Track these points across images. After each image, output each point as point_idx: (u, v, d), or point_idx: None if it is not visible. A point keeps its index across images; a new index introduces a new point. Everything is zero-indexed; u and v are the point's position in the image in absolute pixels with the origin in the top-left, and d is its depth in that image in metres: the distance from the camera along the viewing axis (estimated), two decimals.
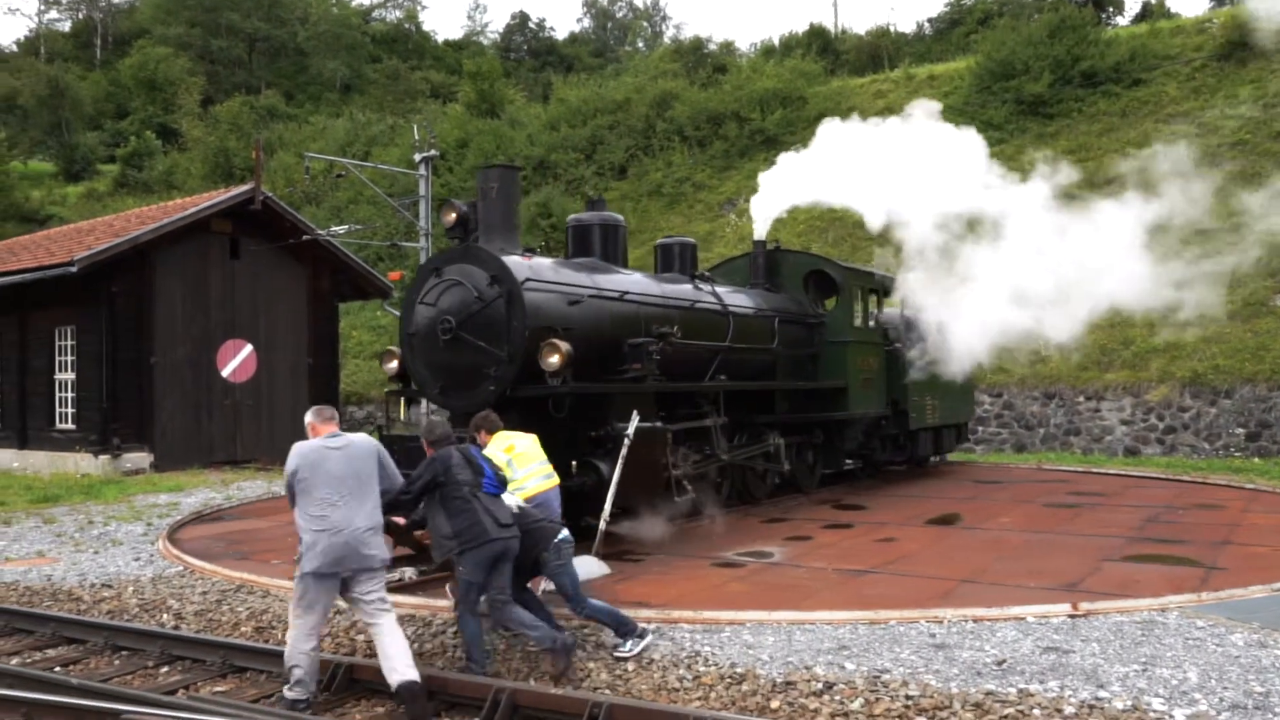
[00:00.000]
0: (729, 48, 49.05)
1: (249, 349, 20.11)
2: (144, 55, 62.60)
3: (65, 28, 78.73)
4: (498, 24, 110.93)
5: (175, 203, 23.47)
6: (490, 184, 9.78)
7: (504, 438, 7.29)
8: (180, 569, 9.36)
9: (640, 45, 77.64)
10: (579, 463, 9.13)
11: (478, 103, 42.90)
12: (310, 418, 6.02)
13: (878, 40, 46.88)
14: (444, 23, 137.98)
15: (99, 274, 17.90)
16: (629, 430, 8.91)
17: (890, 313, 15.48)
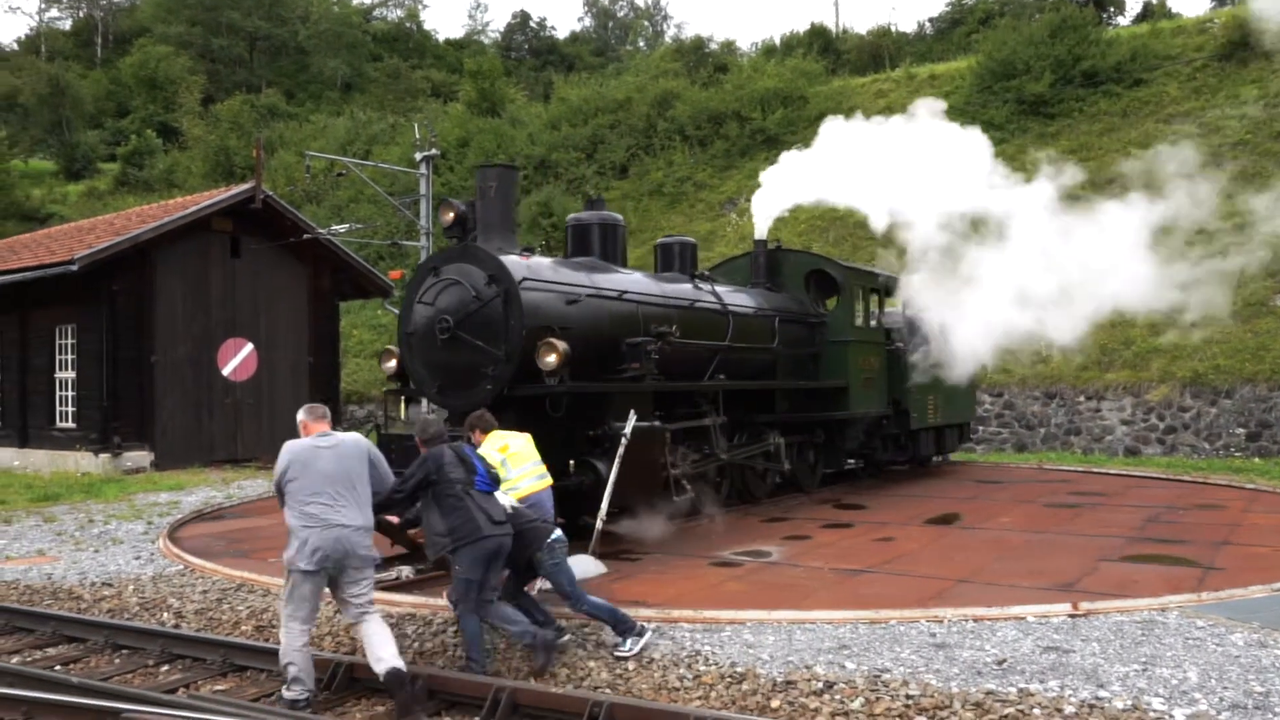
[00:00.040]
0: (730, 47, 49.05)
1: (249, 348, 20.14)
2: (145, 54, 62.60)
3: (66, 26, 78.83)
4: (499, 23, 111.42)
5: (176, 201, 23.47)
6: (488, 183, 9.78)
7: (498, 437, 7.29)
8: (181, 568, 9.37)
9: (641, 44, 77.61)
10: (577, 462, 9.14)
11: (478, 102, 42.90)
12: (302, 416, 6.04)
13: (879, 40, 46.87)
14: (445, 22, 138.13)
15: (100, 273, 17.90)
16: (626, 430, 8.91)
17: (894, 313, 15.48)
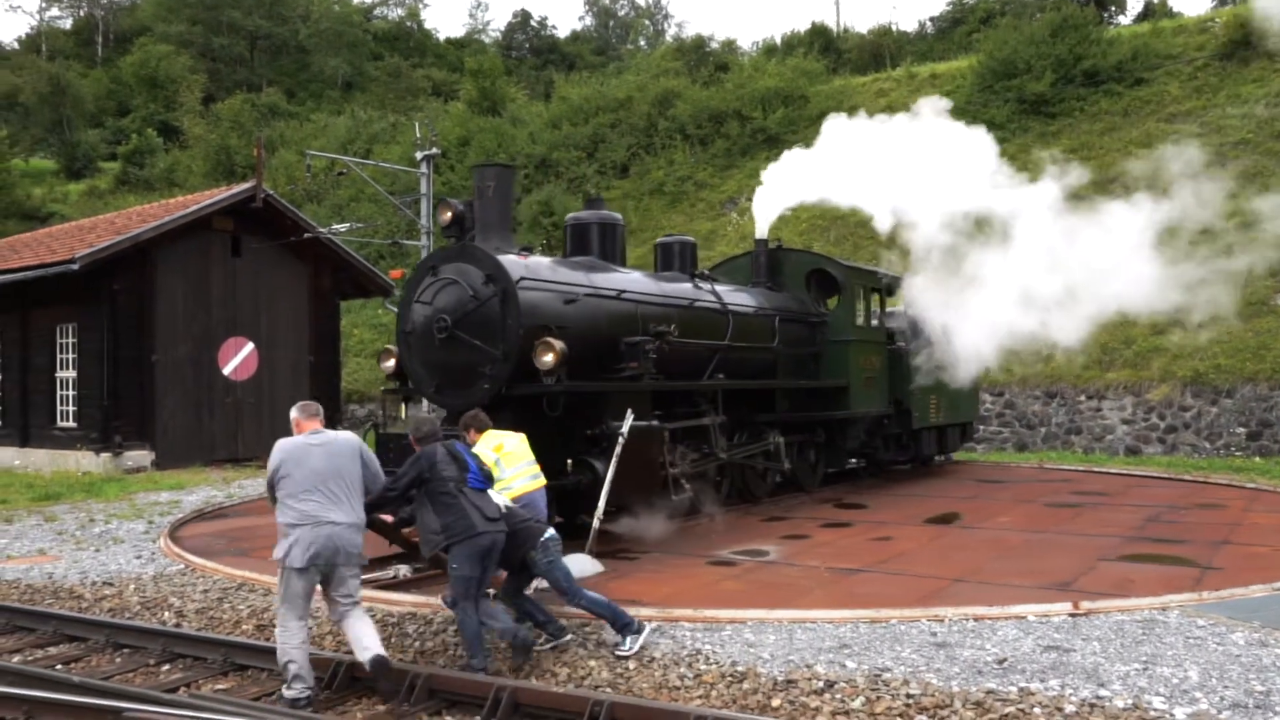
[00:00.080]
0: (731, 46, 48.96)
1: (250, 347, 20.14)
2: (145, 53, 62.57)
3: (67, 25, 78.83)
4: (499, 22, 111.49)
5: (176, 200, 23.47)
6: (486, 182, 9.79)
7: (493, 436, 7.30)
8: (181, 567, 9.37)
9: (642, 43, 77.58)
10: (574, 461, 9.15)
11: (479, 101, 42.87)
12: (295, 414, 6.07)
13: (880, 39, 46.82)
14: (445, 21, 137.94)
15: (100, 272, 17.91)
16: (623, 429, 8.92)
17: (898, 315, 15.42)
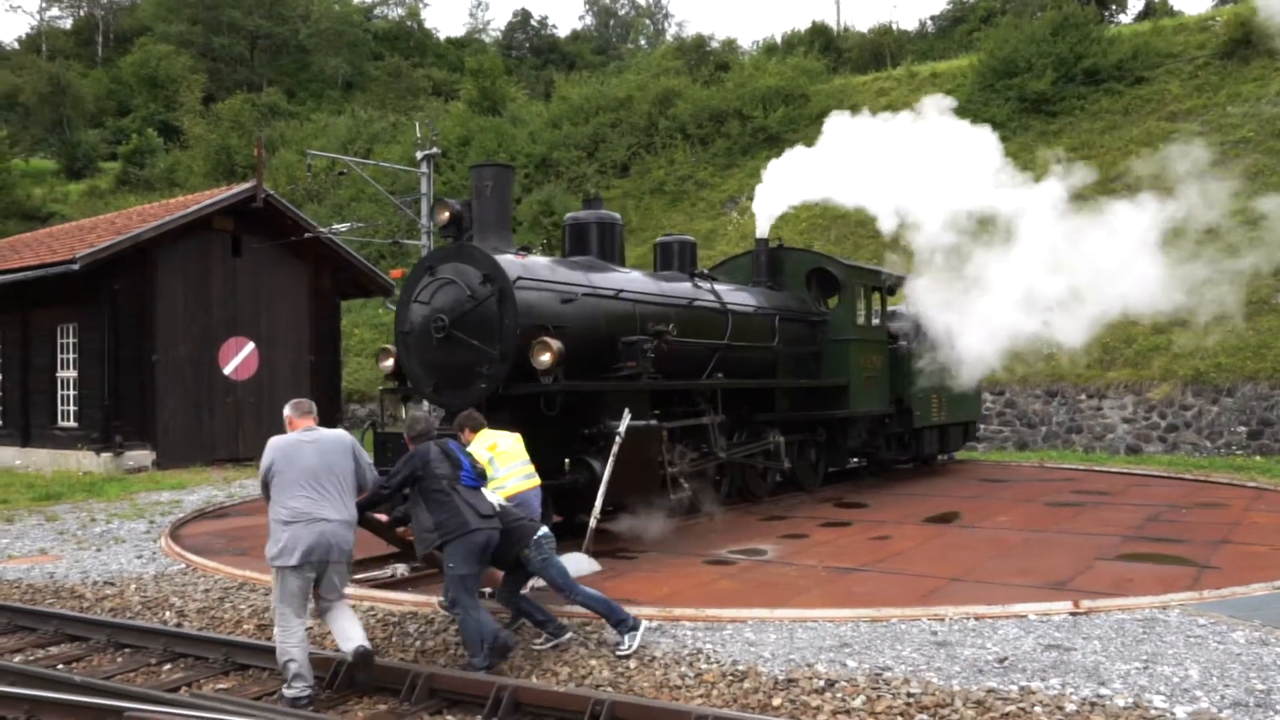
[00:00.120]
0: (731, 45, 48.96)
1: (251, 347, 20.14)
2: (145, 53, 62.59)
3: (67, 25, 78.85)
4: (499, 21, 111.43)
5: (177, 200, 23.47)
6: (484, 182, 9.80)
7: (487, 436, 7.30)
8: (182, 566, 9.38)
9: (642, 43, 77.56)
10: (572, 460, 9.17)
11: (479, 100, 42.88)
12: (288, 411, 6.10)
13: (880, 38, 46.84)
14: (446, 20, 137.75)
15: (101, 272, 17.90)
16: (620, 428, 8.93)
17: (902, 317, 15.34)
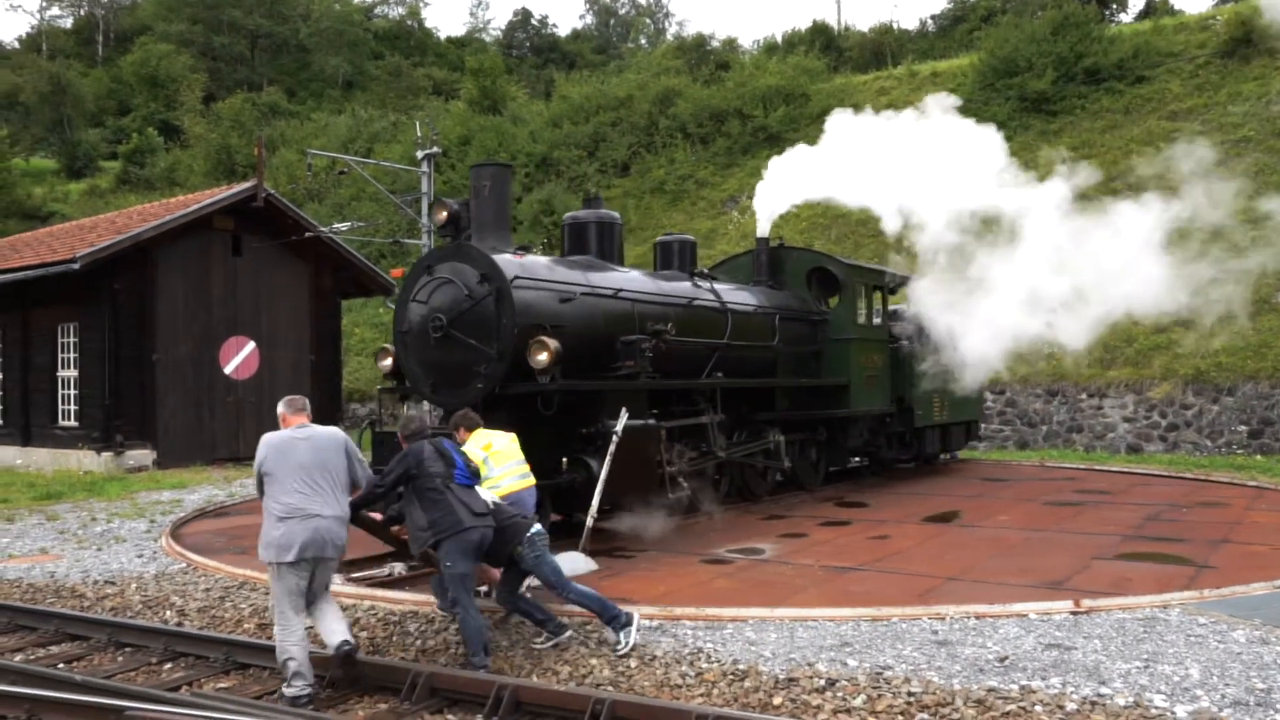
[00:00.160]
0: (732, 45, 48.95)
1: (251, 346, 20.15)
2: (146, 52, 62.61)
3: (67, 24, 78.85)
4: (500, 21, 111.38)
5: (177, 200, 23.47)
6: (483, 182, 9.80)
7: (482, 435, 7.31)
8: (183, 566, 9.38)
9: (643, 42, 77.52)
10: (570, 459, 9.18)
11: (480, 99, 42.88)
12: (281, 408, 6.12)
13: (881, 37, 46.83)
14: (446, 19, 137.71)
15: (101, 271, 17.91)
16: (617, 427, 8.94)
17: (906, 319, 15.26)
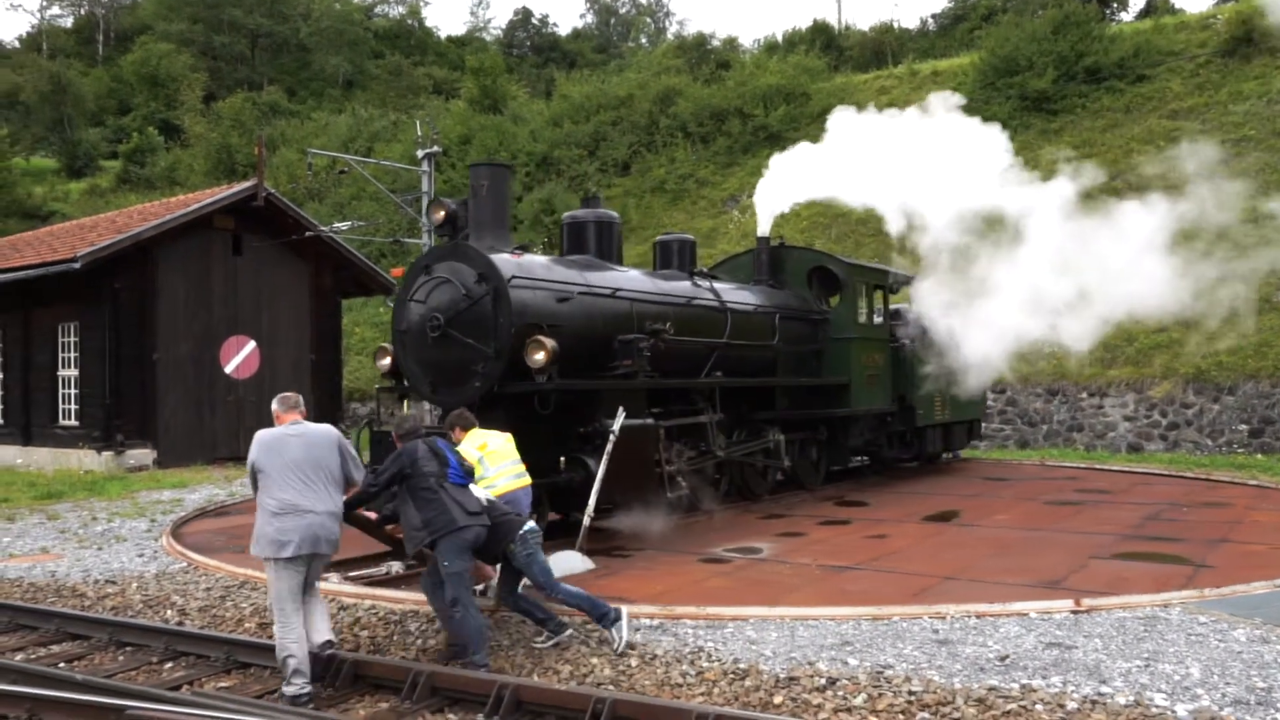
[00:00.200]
0: (732, 44, 48.92)
1: (252, 345, 20.11)
2: (146, 51, 62.61)
3: (68, 24, 78.83)
4: (500, 20, 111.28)
5: (178, 199, 23.47)
6: (481, 181, 9.81)
7: (478, 435, 7.32)
8: (184, 565, 9.38)
9: (643, 41, 77.53)
10: (567, 458, 9.19)
11: (480, 99, 42.87)
12: (275, 406, 6.17)
13: (881, 36, 46.84)
14: (446, 19, 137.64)
15: (102, 270, 17.91)
16: (614, 427, 8.95)
17: (911, 322, 15.24)
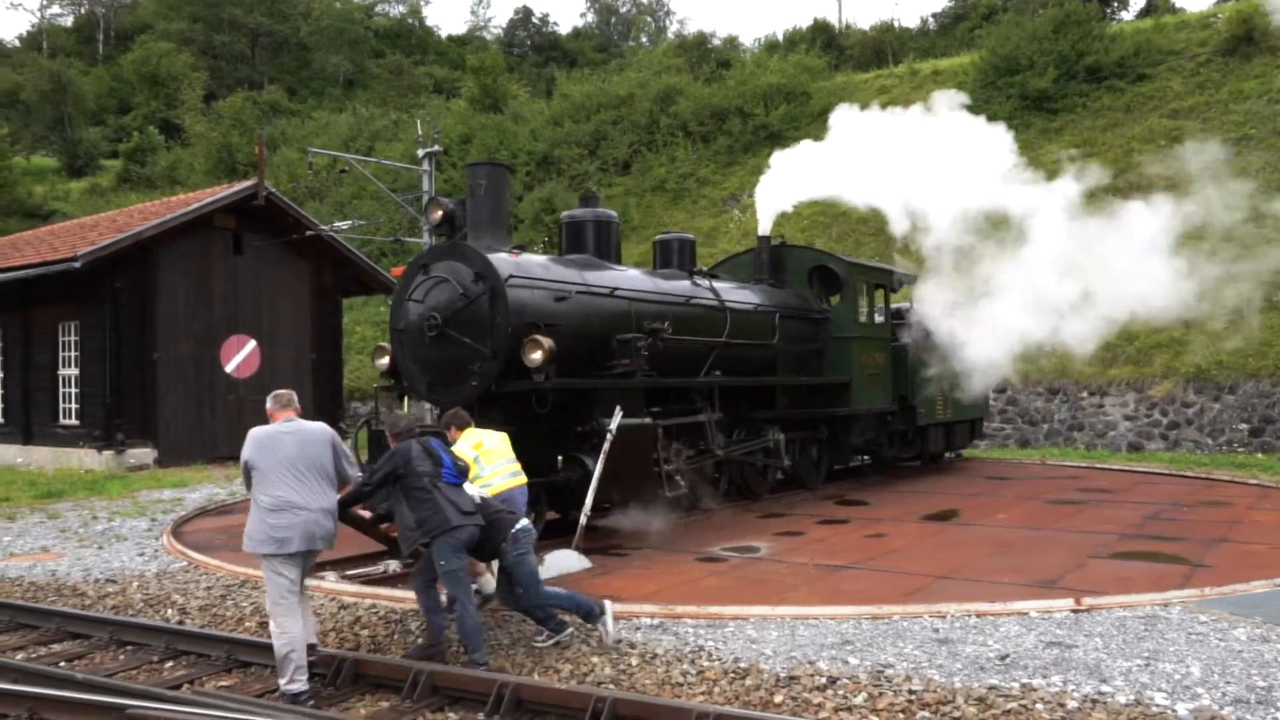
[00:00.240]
0: (733, 43, 48.95)
1: (252, 344, 20.13)
2: (146, 50, 62.63)
3: (68, 23, 78.84)
4: (501, 19, 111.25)
5: (178, 198, 23.48)
6: (478, 181, 9.82)
7: (473, 434, 7.33)
8: (184, 564, 9.39)
9: (644, 40, 77.56)
10: (565, 457, 9.19)
11: (481, 98, 42.86)
12: (269, 404, 6.22)
13: (882, 35, 46.85)
14: (447, 18, 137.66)
15: (102, 270, 17.92)
16: (611, 426, 8.95)
17: (914, 325, 15.20)
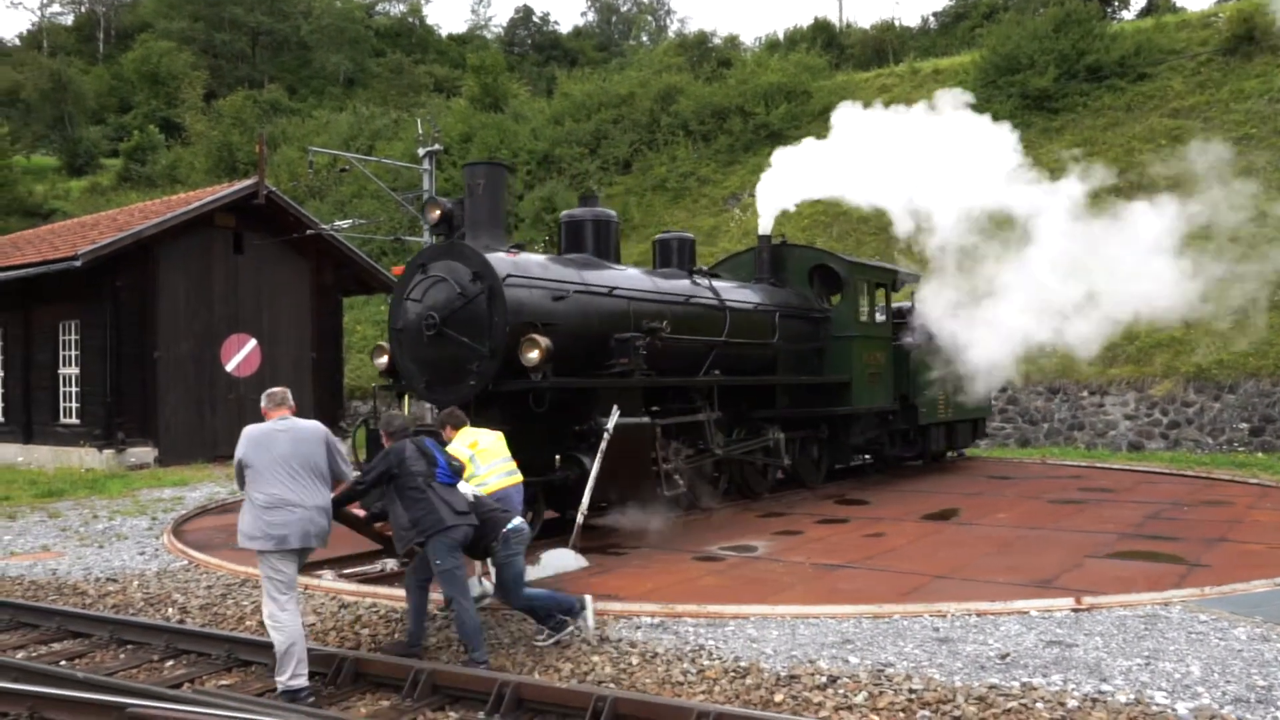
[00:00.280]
0: (733, 42, 48.87)
1: (253, 343, 20.14)
2: (147, 49, 62.63)
3: (68, 21, 78.83)
4: (501, 18, 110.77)
5: (179, 197, 23.47)
6: (476, 180, 9.82)
7: (469, 434, 7.33)
8: (185, 563, 9.39)
9: (644, 39, 77.55)
10: (563, 457, 9.20)
11: (481, 97, 42.85)
12: (263, 402, 6.26)
13: (882, 34, 46.83)
14: (447, 17, 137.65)
15: (103, 268, 17.92)
16: (609, 425, 8.95)
17: (915, 325, 15.16)
